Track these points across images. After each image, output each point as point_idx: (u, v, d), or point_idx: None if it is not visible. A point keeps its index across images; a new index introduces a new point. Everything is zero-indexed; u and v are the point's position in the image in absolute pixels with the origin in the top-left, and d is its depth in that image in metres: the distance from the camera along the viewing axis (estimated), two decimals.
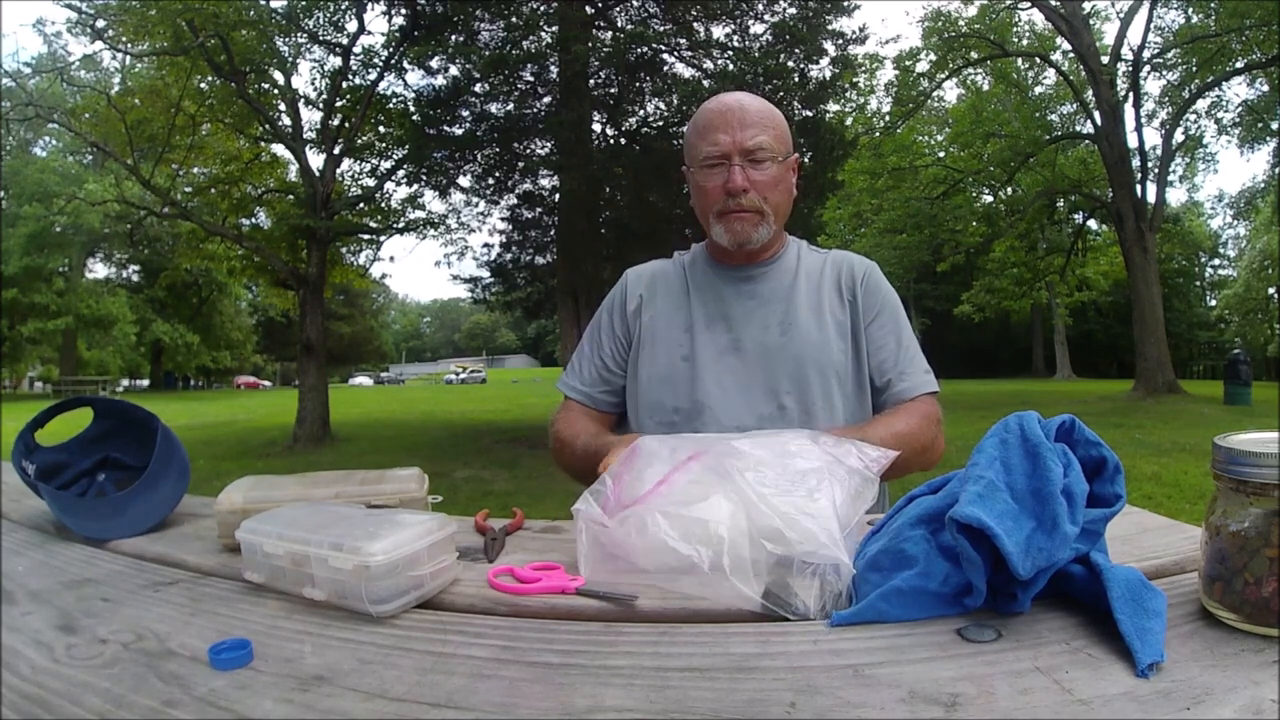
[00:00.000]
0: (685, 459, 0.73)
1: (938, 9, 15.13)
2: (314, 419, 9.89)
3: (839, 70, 8.90)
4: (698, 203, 1.19)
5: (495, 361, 76.30)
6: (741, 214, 1.13)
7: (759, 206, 1.13)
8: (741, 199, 1.12)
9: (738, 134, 1.11)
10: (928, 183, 16.48)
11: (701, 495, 0.66)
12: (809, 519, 0.63)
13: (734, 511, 0.64)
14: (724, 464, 0.69)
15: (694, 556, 0.62)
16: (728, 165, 1.11)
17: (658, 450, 0.77)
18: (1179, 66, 14.48)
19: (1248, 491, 0.51)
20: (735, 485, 0.66)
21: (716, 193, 1.13)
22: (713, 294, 1.21)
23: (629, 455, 0.79)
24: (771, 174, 1.13)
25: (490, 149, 9.54)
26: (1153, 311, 12.99)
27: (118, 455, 1.02)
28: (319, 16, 9.83)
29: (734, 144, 1.11)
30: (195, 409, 18.71)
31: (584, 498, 0.73)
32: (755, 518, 0.63)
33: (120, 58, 10.68)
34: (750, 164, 1.11)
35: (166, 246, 25.66)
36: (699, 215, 1.20)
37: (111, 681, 0.50)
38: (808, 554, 0.60)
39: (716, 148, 1.11)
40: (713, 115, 1.14)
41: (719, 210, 1.14)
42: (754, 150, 1.11)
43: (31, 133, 22.35)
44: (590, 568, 0.70)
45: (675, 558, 0.63)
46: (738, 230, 1.14)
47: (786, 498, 0.65)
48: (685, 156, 1.21)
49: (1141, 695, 0.43)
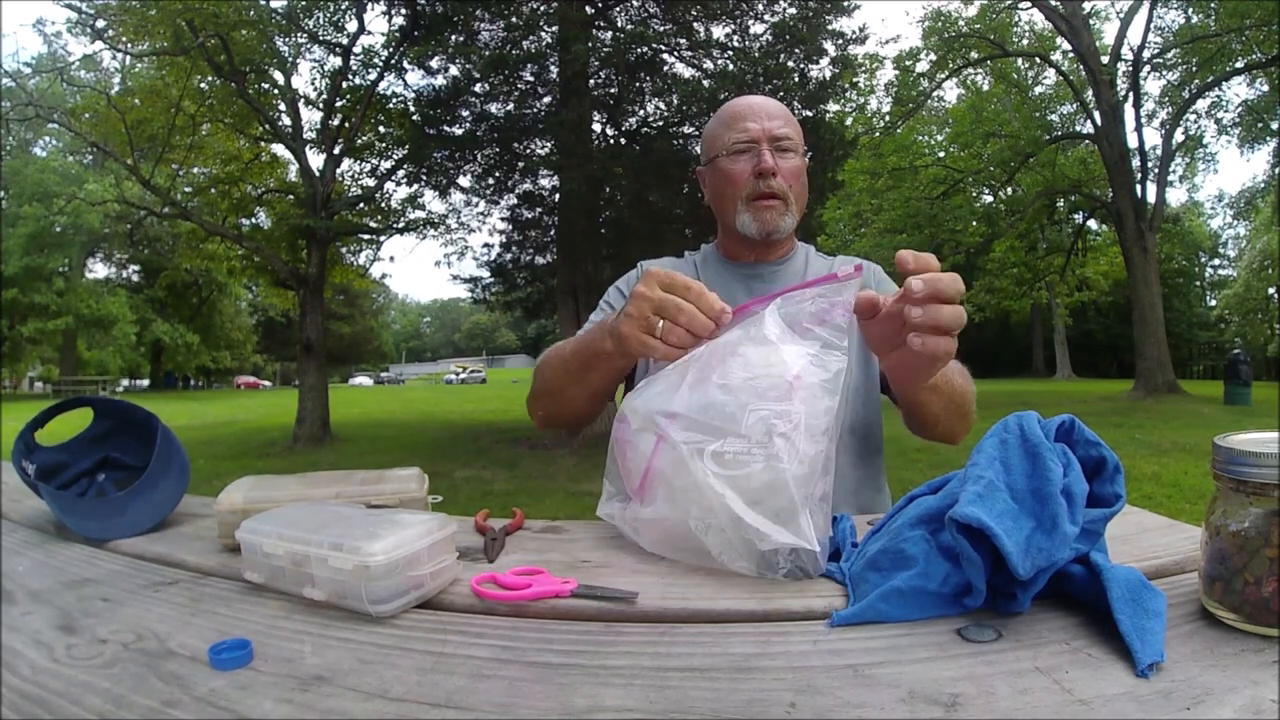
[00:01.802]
0: (656, 445, 0.73)
1: (938, 9, 15.15)
2: (314, 419, 9.90)
3: (839, 70, 8.91)
4: (723, 192, 1.18)
5: (495, 361, 76.36)
6: (771, 200, 1.14)
7: (785, 193, 1.15)
8: (772, 182, 1.13)
9: (766, 123, 1.14)
10: (928, 183, 16.47)
11: (679, 484, 0.69)
12: (767, 518, 0.64)
13: (712, 509, 0.67)
14: (686, 447, 0.69)
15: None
16: (758, 149, 1.13)
17: (638, 420, 0.77)
18: (1179, 66, 14.49)
19: (1248, 491, 0.51)
20: (696, 473, 0.67)
21: (745, 178, 1.14)
22: (724, 292, 1.20)
23: (623, 440, 0.79)
24: (795, 164, 1.15)
25: (490, 149, 9.55)
26: (1153, 311, 13.00)
27: (118, 455, 1.02)
28: (319, 16, 9.83)
29: (763, 131, 1.13)
30: (195, 409, 18.72)
31: (605, 488, 0.80)
32: (725, 518, 0.66)
33: (120, 58, 10.69)
34: (778, 151, 1.14)
35: (166, 246, 25.70)
36: (722, 207, 1.19)
37: (111, 681, 0.50)
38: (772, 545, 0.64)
39: (746, 134, 1.14)
40: (740, 107, 1.17)
41: (748, 195, 1.15)
42: (781, 138, 1.14)
43: (31, 133, 22.37)
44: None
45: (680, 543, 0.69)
46: (766, 219, 1.15)
47: (747, 494, 0.65)
48: (707, 151, 1.21)
49: (1141, 695, 0.43)
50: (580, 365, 0.99)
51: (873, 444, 1.16)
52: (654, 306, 0.82)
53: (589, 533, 0.86)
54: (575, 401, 1.06)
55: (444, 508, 0.89)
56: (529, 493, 6.00)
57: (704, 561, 0.69)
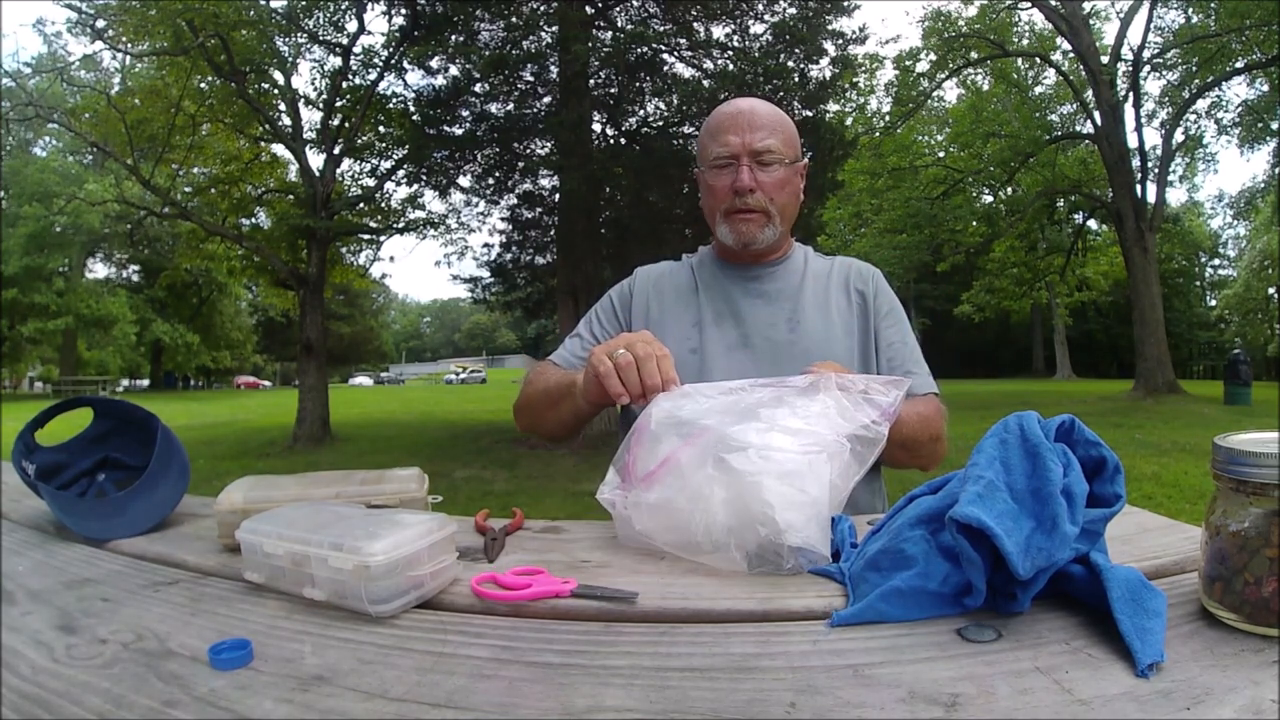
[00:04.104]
0: (686, 440, 0.75)
1: (938, 9, 15.16)
2: (314, 419, 9.90)
3: (839, 70, 8.91)
4: (706, 202, 1.22)
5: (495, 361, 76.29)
6: (748, 214, 1.16)
7: (765, 207, 1.15)
8: (749, 199, 1.14)
9: (747, 136, 1.14)
10: (928, 183, 16.47)
11: (699, 477, 0.71)
12: (799, 508, 0.67)
13: (728, 498, 0.69)
14: (725, 444, 0.72)
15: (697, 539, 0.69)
16: (736, 165, 1.14)
17: (668, 419, 0.80)
18: (1179, 66, 14.48)
19: (1248, 491, 0.51)
20: (732, 469, 0.69)
21: (724, 192, 1.16)
22: (721, 292, 1.22)
23: (640, 430, 0.81)
24: (778, 176, 1.16)
25: (490, 149, 9.54)
26: (1153, 311, 12.99)
27: (118, 455, 1.02)
28: (319, 16, 9.83)
29: (743, 145, 1.14)
30: (195, 409, 18.72)
31: (610, 472, 0.80)
32: (749, 502, 0.67)
33: (120, 58, 10.68)
34: (758, 165, 1.14)
35: (166, 246, 25.68)
36: (707, 215, 1.23)
37: (111, 681, 0.50)
38: (795, 545, 0.66)
39: (726, 148, 1.15)
40: (724, 118, 1.18)
41: (726, 209, 1.17)
42: (762, 152, 1.14)
43: (31, 133, 22.37)
44: (623, 537, 0.78)
45: (684, 536, 0.71)
46: (743, 231, 1.17)
47: (781, 484, 0.68)
48: (697, 159, 1.23)
49: (1141, 695, 0.43)
50: (557, 397, 1.09)
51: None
52: (616, 359, 0.90)
53: (589, 533, 0.86)
54: (548, 425, 1.16)
55: (444, 508, 0.89)
56: (529, 493, 5.99)
57: (692, 554, 0.71)
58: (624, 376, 0.88)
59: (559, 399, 1.08)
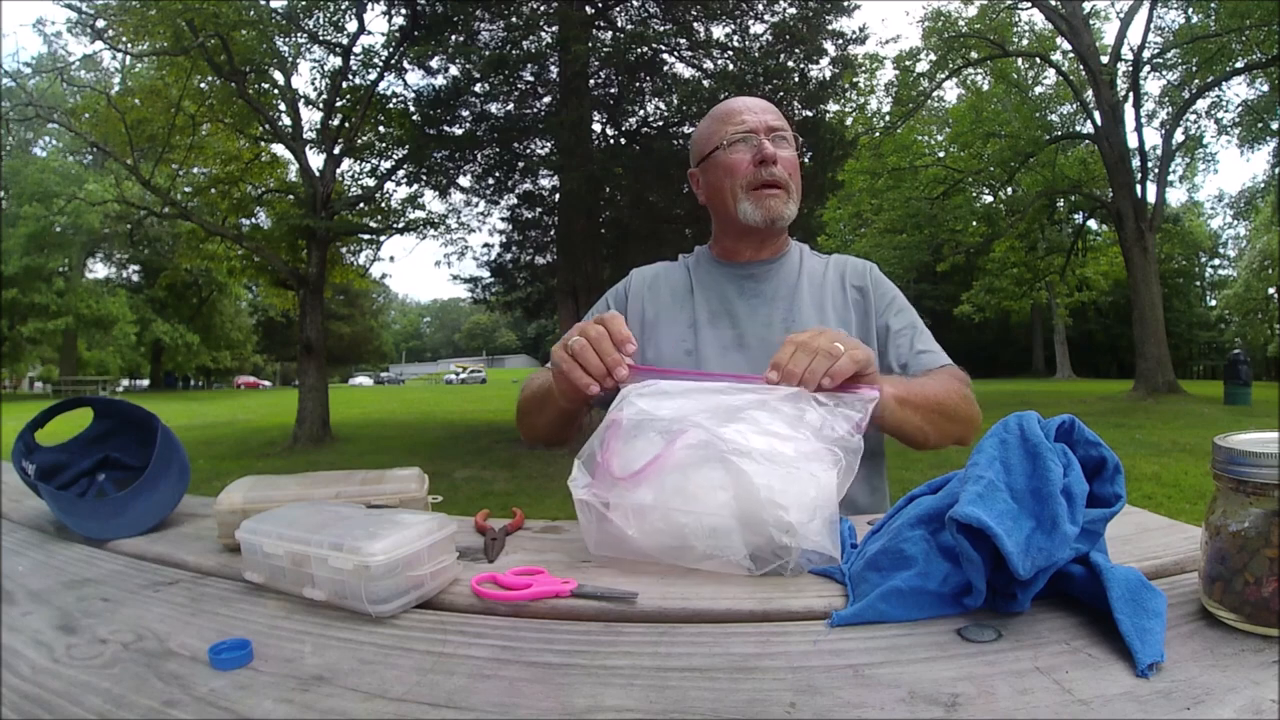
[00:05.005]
0: (674, 439, 0.72)
1: (938, 9, 15.13)
2: (314, 419, 9.90)
3: (839, 70, 8.91)
4: (721, 184, 1.17)
5: (495, 361, 76.29)
6: (774, 188, 1.15)
7: (786, 181, 1.16)
8: (774, 170, 1.14)
9: (761, 115, 1.17)
10: (928, 183, 16.46)
11: (697, 478, 0.69)
12: (811, 510, 0.66)
13: (733, 499, 0.67)
14: (725, 445, 0.70)
15: (695, 543, 0.68)
16: (758, 138, 1.15)
17: (644, 417, 0.76)
18: (1179, 66, 14.46)
19: (1248, 491, 0.51)
20: (741, 470, 0.68)
21: (745, 166, 1.15)
22: (716, 292, 1.22)
23: (614, 424, 0.77)
24: (792, 156, 1.18)
25: (490, 149, 9.54)
26: (1153, 311, 12.99)
27: (118, 455, 1.02)
28: (319, 16, 9.83)
29: (760, 123, 1.16)
30: (195, 409, 18.72)
31: (576, 468, 0.75)
32: (761, 505, 0.66)
33: (120, 58, 10.67)
34: (775, 142, 1.16)
35: (166, 246, 25.66)
36: (721, 200, 1.18)
37: (111, 681, 0.50)
38: (809, 547, 0.66)
39: (744, 125, 1.16)
40: (734, 103, 1.20)
41: (749, 183, 1.15)
42: (778, 129, 1.16)
43: (31, 133, 22.35)
44: (595, 544, 0.74)
45: (677, 540, 0.69)
46: (770, 206, 1.15)
47: (792, 486, 0.67)
48: (700, 150, 1.22)
49: (1141, 695, 0.43)
50: (542, 401, 1.09)
51: (872, 444, 1.16)
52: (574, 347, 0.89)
53: None
54: (541, 430, 1.16)
55: (444, 508, 0.89)
56: (529, 493, 6.00)
57: (675, 559, 0.70)
58: (583, 362, 0.86)
59: (544, 403, 1.08)
